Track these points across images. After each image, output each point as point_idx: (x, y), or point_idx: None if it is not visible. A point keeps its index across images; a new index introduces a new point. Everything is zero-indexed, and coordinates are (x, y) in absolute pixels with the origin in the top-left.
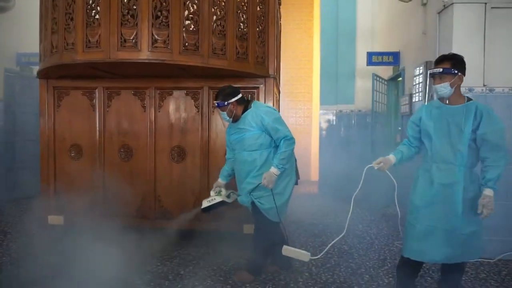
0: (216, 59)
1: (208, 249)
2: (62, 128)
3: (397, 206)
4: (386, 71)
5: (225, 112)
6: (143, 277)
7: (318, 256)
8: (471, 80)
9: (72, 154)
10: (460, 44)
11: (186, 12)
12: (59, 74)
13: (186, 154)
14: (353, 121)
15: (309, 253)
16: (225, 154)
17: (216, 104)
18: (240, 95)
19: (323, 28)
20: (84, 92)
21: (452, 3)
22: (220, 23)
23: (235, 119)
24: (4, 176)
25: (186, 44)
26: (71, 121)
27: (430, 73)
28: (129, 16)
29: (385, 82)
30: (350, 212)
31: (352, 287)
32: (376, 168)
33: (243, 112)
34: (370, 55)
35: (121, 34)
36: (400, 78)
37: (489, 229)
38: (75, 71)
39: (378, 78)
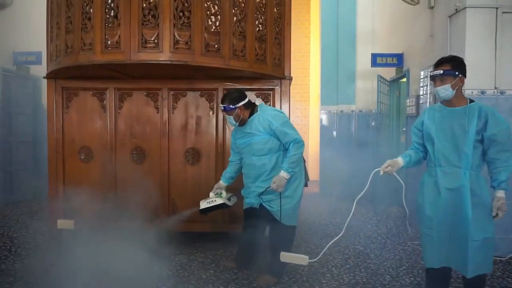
0: (237, 61)
1: (225, 252)
2: (71, 130)
3: (405, 207)
4: (387, 72)
5: (231, 116)
6: (166, 283)
7: (316, 259)
8: (483, 82)
9: (82, 157)
10: (472, 47)
11: (208, 13)
12: (69, 75)
13: (201, 156)
14: (353, 121)
15: (307, 257)
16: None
17: (223, 108)
18: (247, 99)
19: (324, 29)
20: (94, 93)
21: (465, 8)
22: (240, 24)
23: (242, 123)
24: (1, 179)
25: (208, 45)
26: (80, 122)
27: (430, 76)
28: (150, 17)
29: (388, 83)
30: (351, 214)
31: (376, 287)
32: (382, 173)
33: (249, 116)
34: (374, 56)
35: (142, 34)
36: (404, 79)
37: (500, 228)
38: (86, 72)
39: (382, 80)
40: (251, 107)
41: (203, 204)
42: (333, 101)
